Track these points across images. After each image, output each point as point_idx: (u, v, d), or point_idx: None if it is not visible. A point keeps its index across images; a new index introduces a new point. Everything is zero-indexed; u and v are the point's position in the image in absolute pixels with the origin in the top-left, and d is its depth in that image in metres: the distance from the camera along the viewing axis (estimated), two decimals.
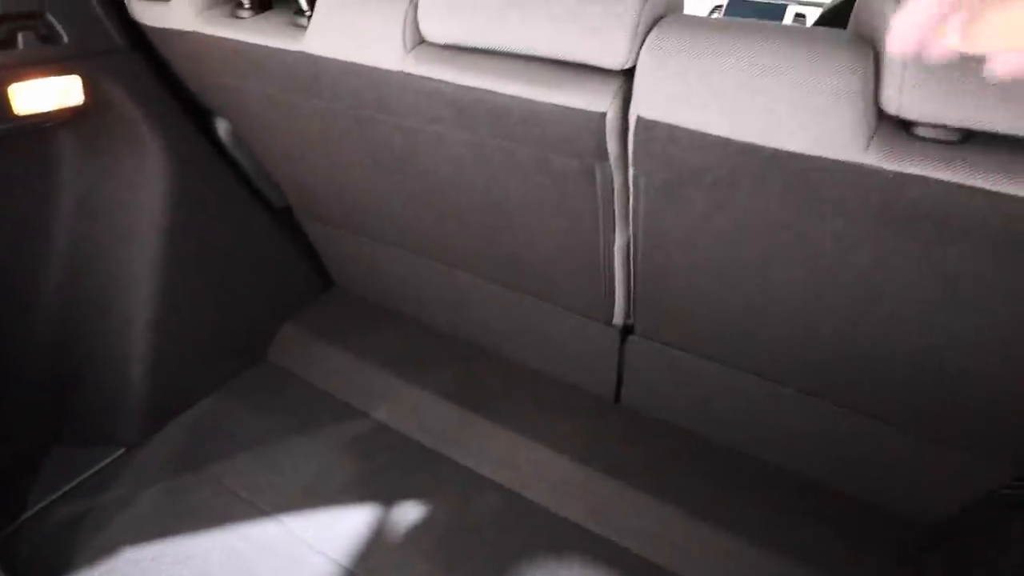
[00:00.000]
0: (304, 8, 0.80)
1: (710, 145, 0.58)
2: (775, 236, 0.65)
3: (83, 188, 1.07)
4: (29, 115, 0.91)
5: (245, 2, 0.87)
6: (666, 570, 0.96)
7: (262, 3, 0.88)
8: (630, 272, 0.89)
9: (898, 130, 0.52)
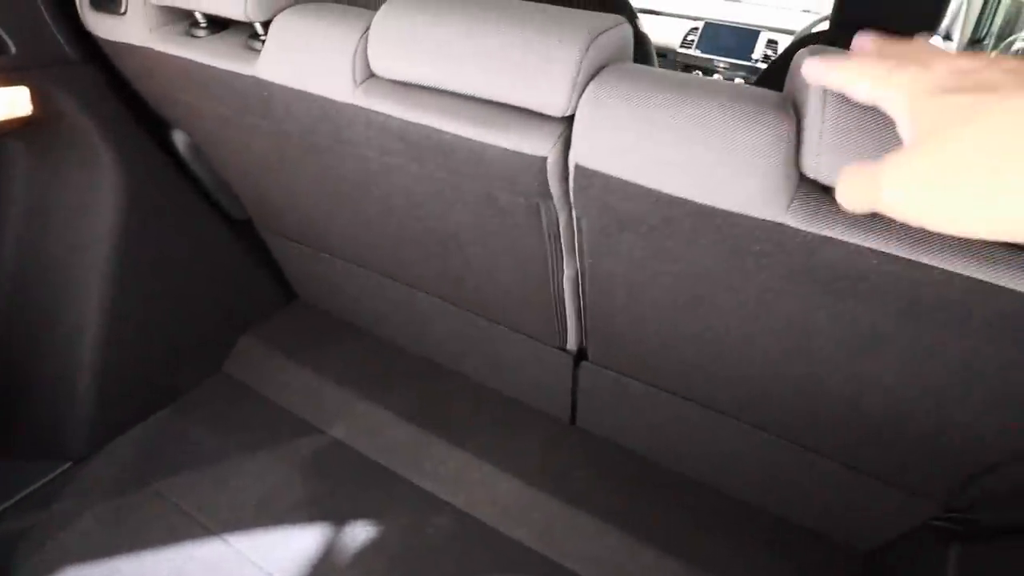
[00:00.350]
0: (259, 32, 0.79)
1: (643, 195, 0.59)
2: (707, 283, 0.67)
3: (33, 198, 1.05)
4: None
5: (201, 20, 0.86)
6: None
7: (218, 22, 0.87)
8: (580, 302, 0.90)
9: (819, 192, 0.54)
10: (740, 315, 0.70)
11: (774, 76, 1.41)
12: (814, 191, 0.54)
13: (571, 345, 1.05)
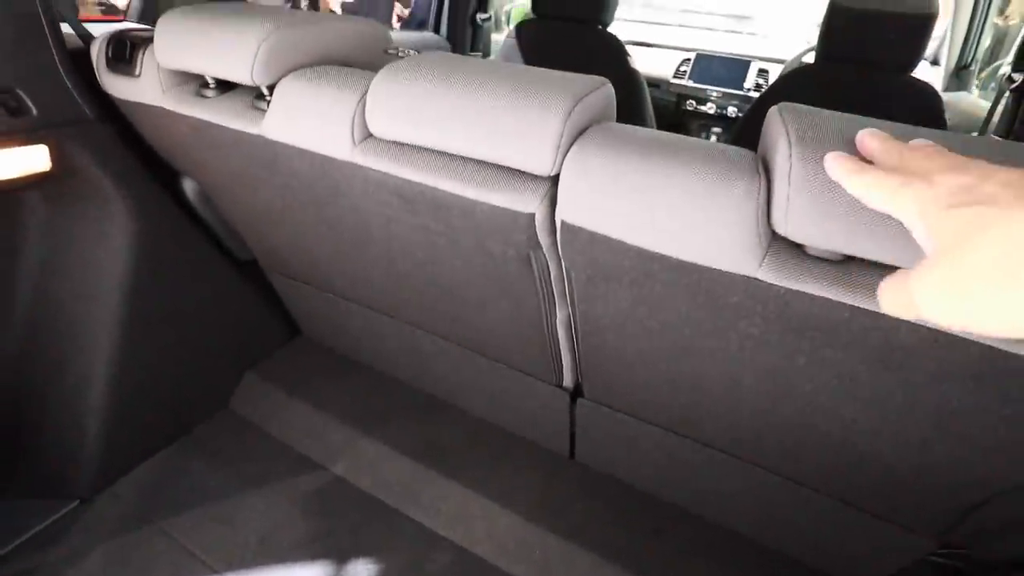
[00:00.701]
0: (264, 94, 0.84)
1: (624, 250, 0.63)
2: (690, 330, 0.69)
3: (47, 247, 1.10)
4: None
5: (210, 82, 0.91)
6: None
7: (226, 83, 0.92)
8: (573, 343, 0.93)
9: (790, 249, 0.57)
10: (724, 360, 0.72)
11: (766, 106, 1.46)
12: (785, 248, 0.57)
13: (567, 382, 1.07)
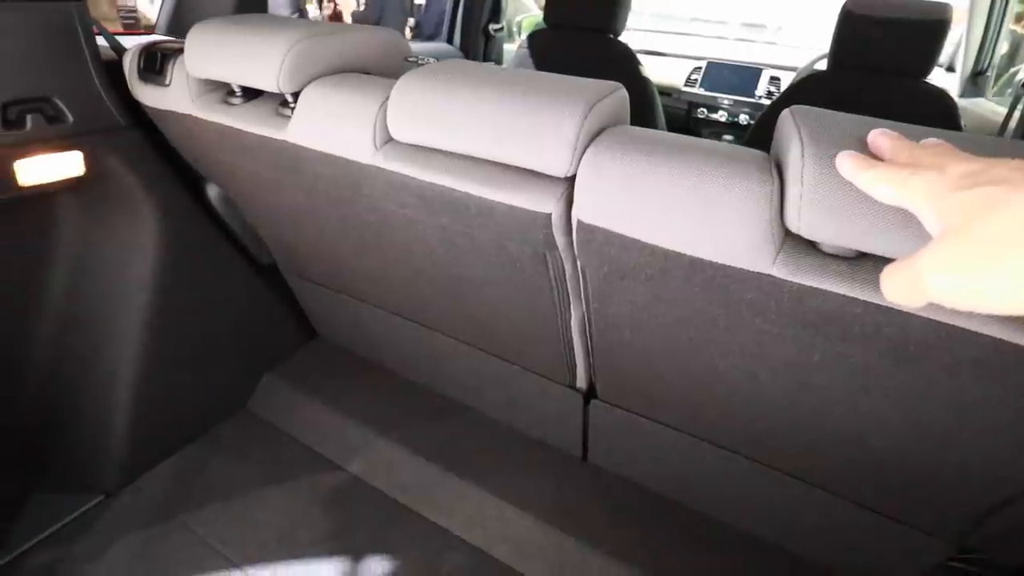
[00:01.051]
0: (289, 101, 0.87)
1: (640, 249, 0.64)
2: (705, 327, 0.71)
3: (79, 249, 1.14)
4: (31, 186, 0.98)
5: (236, 90, 0.95)
6: None
7: (252, 91, 0.96)
8: (587, 343, 0.94)
9: (803, 246, 0.58)
10: (740, 356, 0.73)
11: (778, 112, 1.47)
12: (799, 245, 0.58)
13: (581, 383, 1.09)
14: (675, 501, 1.17)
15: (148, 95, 1.01)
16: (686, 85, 2.46)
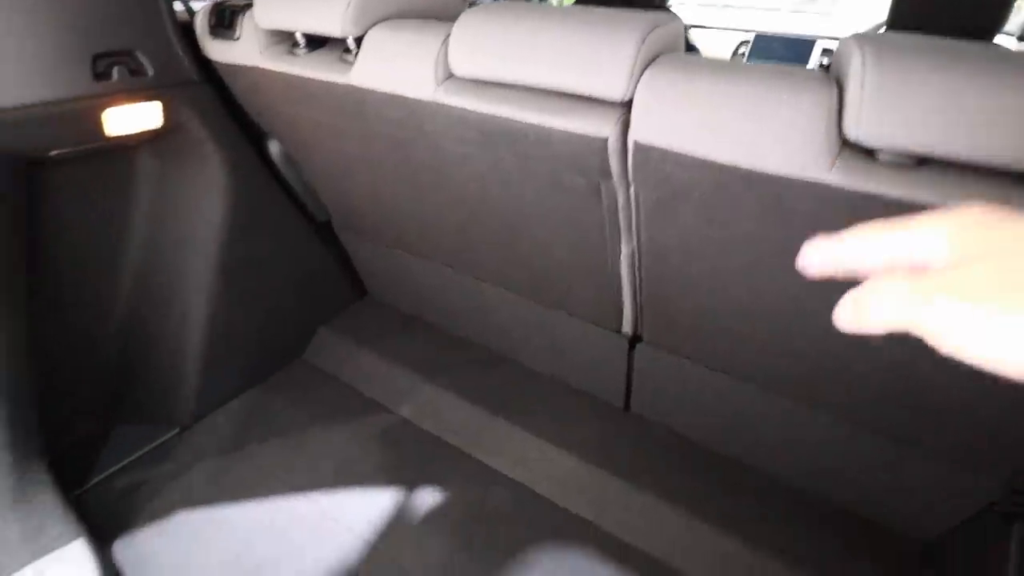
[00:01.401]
0: (351, 47, 0.92)
1: (696, 165, 0.67)
2: (756, 247, 0.72)
3: (156, 198, 1.23)
4: (116, 136, 1.06)
5: (300, 41, 1.00)
6: (663, 564, 1.02)
7: (315, 41, 1.01)
8: (636, 280, 0.97)
9: (861, 155, 0.59)
10: (788, 280, 0.75)
11: None
12: (856, 153, 0.60)
13: (626, 328, 1.11)
14: (713, 449, 1.19)
15: (218, 50, 1.08)
16: (732, 58, 2.42)
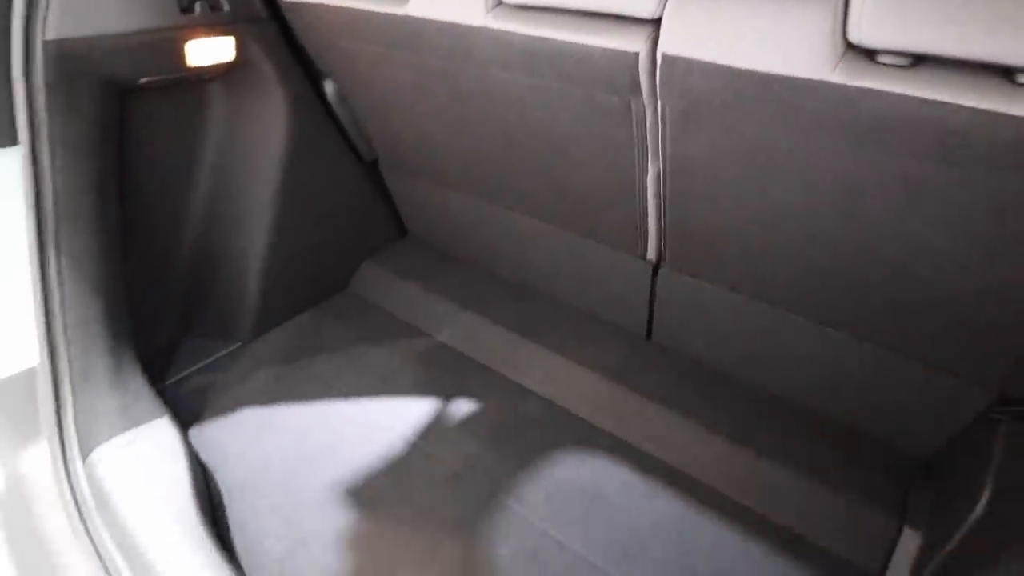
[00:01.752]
0: None
1: (717, 72, 0.74)
2: (771, 153, 0.80)
3: (225, 130, 1.35)
4: (195, 67, 1.19)
5: None
6: (678, 471, 1.12)
7: None
8: (661, 201, 1.05)
9: (862, 57, 0.67)
10: (800, 184, 0.82)
11: None
12: (858, 55, 0.67)
13: (651, 255, 1.20)
14: (730, 374, 1.27)
15: None
16: None
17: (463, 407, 1.27)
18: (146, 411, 1.12)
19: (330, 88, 1.42)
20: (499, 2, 0.92)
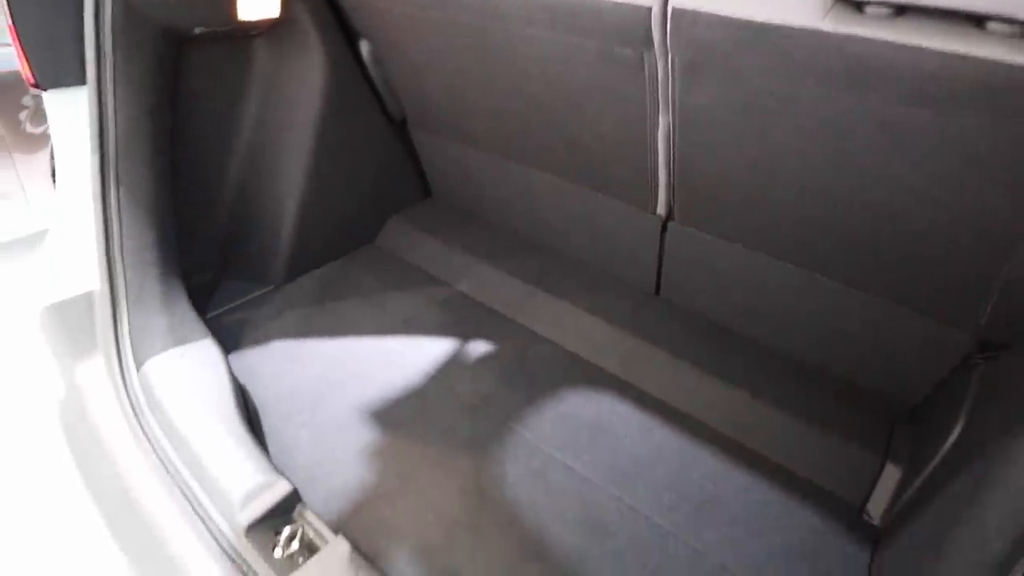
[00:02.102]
0: None
1: (720, 24, 0.82)
2: (768, 102, 0.87)
3: (268, 85, 1.45)
4: (244, 21, 1.28)
5: None
6: (678, 410, 1.19)
7: None
8: (670, 155, 1.12)
9: (849, 7, 0.74)
10: (794, 131, 0.89)
11: None
12: (846, 6, 0.74)
13: (660, 210, 1.27)
14: (731, 326, 1.34)
15: None
16: None
17: (479, 348, 1.36)
18: (192, 332, 1.23)
19: (365, 48, 1.51)
20: None
